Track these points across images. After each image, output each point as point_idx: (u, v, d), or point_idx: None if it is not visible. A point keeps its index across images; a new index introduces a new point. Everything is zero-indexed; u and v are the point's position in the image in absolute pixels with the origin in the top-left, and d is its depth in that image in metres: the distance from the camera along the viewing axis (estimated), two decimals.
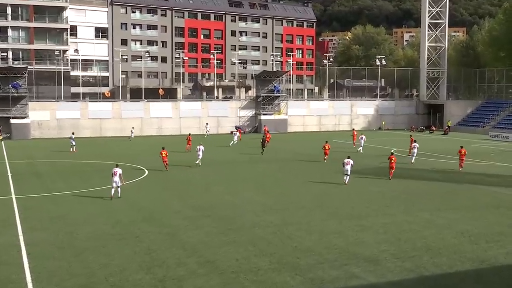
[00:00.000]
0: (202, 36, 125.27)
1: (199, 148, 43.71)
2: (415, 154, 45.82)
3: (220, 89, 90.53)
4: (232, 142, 59.37)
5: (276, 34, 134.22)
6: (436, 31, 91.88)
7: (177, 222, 24.99)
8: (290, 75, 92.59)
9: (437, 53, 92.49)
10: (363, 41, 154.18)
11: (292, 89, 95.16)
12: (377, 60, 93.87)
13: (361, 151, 51.66)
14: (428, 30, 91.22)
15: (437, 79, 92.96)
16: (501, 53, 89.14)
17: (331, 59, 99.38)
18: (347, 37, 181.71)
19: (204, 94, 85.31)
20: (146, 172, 39.87)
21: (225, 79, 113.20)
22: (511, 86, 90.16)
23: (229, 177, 38.39)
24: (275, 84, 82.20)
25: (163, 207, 28.26)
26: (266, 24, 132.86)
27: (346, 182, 34.90)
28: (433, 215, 26.52)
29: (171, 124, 76.35)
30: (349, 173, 35.11)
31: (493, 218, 26.05)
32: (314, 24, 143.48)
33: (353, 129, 60.66)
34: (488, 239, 22.23)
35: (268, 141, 55.68)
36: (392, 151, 42.96)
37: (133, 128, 70.28)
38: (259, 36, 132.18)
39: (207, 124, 74.53)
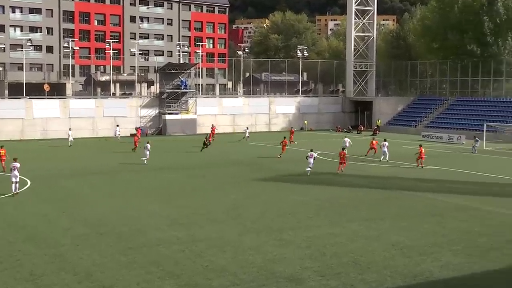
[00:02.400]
0: (95, 22, 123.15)
1: (147, 146, 48.79)
2: (386, 153, 50.39)
3: (118, 85, 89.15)
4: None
5: (183, 20, 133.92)
6: (364, 19, 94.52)
7: (66, 241, 24.39)
8: (199, 68, 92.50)
9: (365, 43, 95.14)
10: (283, 29, 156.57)
11: (202, 85, 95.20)
12: (298, 51, 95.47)
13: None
14: (355, 18, 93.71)
15: (365, 73, 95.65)
16: (434, 44, 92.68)
17: (246, 50, 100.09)
18: (264, 25, 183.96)
19: (99, 90, 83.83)
20: (29, 182, 38.73)
21: (123, 72, 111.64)
22: (445, 81, 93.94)
23: (129, 187, 37.88)
24: (182, 79, 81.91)
25: (48, 223, 27.52)
26: (171, 9, 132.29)
27: (308, 174, 41.70)
28: (361, 226, 27.19)
29: (58, 125, 74.30)
30: (311, 166, 41.87)
31: (428, 227, 27.01)
32: (227, 9, 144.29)
33: (373, 138, 58.29)
34: (421, 251, 23.02)
35: (210, 141, 58.88)
36: (343, 146, 48.99)
37: (70, 129, 66.89)
38: (163, 22, 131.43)
39: (247, 128, 74.94)
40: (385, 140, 52.55)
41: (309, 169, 42.44)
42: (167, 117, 79.68)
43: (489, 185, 40.11)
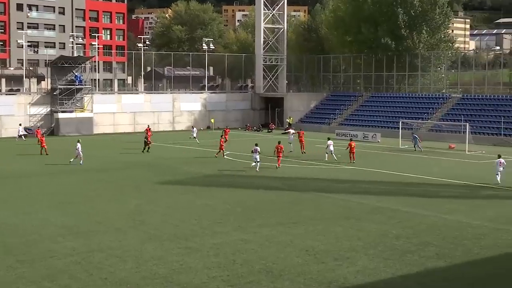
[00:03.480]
0: None
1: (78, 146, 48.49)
2: (332, 151, 51.90)
3: (4, 80, 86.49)
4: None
5: (76, 9, 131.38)
6: (274, 10, 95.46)
7: None
8: (95, 61, 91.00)
9: (275, 36, 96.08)
10: (187, 20, 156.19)
11: (98, 80, 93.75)
12: (204, 44, 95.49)
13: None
14: (264, 9, 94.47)
15: (276, 67, 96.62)
16: (348, 37, 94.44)
17: (147, 42, 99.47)
18: (166, 15, 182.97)
19: None
20: None
21: (9, 66, 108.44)
22: (359, 76, 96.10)
23: (18, 194, 36.85)
24: (76, 74, 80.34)
25: None
26: None
27: (257, 169, 44.86)
28: (273, 231, 27.44)
29: None
30: (258, 160, 44.86)
31: (342, 231, 27.54)
32: None
33: (351, 139, 58.23)
34: (336, 256, 23.45)
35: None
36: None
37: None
38: (54, 11, 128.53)
39: (193, 127, 73.06)
40: (328, 139, 54.03)
41: (254, 164, 45.32)
42: (60, 115, 77.92)
43: (407, 185, 41.30)
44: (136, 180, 41.99)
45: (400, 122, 68.21)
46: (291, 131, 63.91)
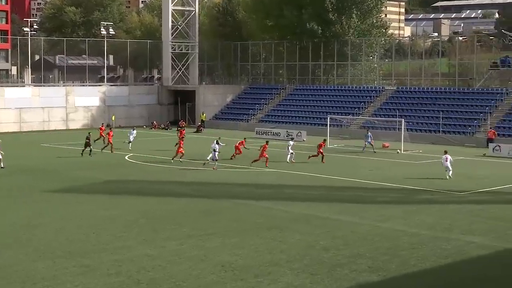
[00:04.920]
0: None
1: None
2: (289, 153, 53.08)
3: None
4: None
5: None
6: None
7: None
8: None
9: (186, 20, 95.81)
10: (82, 0, 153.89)
11: None
12: (102, 29, 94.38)
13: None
14: None
15: (186, 56, 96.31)
16: (269, 22, 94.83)
17: (35, 26, 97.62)
18: None
19: None
20: None
21: None
22: (282, 66, 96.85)
23: None
24: None
25: None
26: None
27: (215, 167, 48.20)
28: (184, 244, 27.38)
29: None
30: (217, 158, 47.98)
31: (264, 243, 27.69)
32: None
33: (325, 140, 57.61)
34: (257, 272, 23.57)
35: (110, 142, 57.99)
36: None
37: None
38: None
39: (133, 128, 66.26)
40: (292, 139, 57.30)
41: (211, 161, 48.63)
42: None
43: (336, 190, 41.92)
44: (23, 188, 41.18)
45: (328, 118, 68.99)
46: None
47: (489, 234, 29.69)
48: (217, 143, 49.67)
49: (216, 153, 48.69)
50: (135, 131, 64.41)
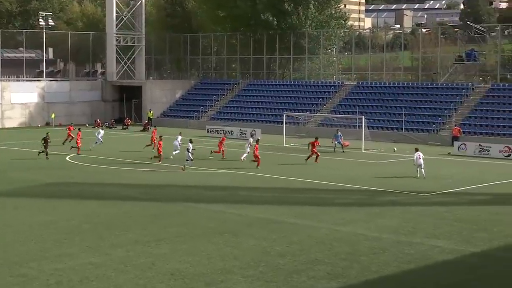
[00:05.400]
0: None
1: None
2: (246, 153, 52.76)
3: None
4: None
5: None
6: None
7: None
8: None
9: (131, 10, 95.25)
10: None
11: None
12: (40, 19, 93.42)
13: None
14: None
15: (132, 49, 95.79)
16: (220, 12, 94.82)
17: None
18: None
19: None
20: None
21: None
22: (234, 60, 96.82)
23: None
24: None
25: None
26: None
27: (184, 168, 48.10)
28: (130, 251, 27.24)
29: None
30: (191, 158, 47.52)
31: (216, 249, 27.66)
32: None
33: (317, 138, 56.41)
34: (208, 281, 23.54)
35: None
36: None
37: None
38: None
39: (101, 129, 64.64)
40: (252, 136, 57.69)
41: (186, 162, 48.08)
42: None
43: (293, 192, 41.99)
44: None
45: (284, 115, 69.24)
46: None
47: (454, 237, 30.01)
48: (191, 141, 49.75)
49: (190, 153, 48.04)
50: (102, 131, 62.79)
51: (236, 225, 32.28)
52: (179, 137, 55.42)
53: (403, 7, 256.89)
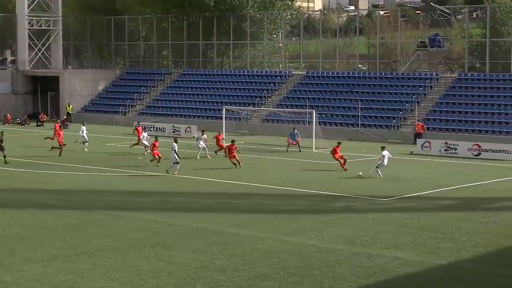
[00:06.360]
0: None
1: None
2: (201, 151, 55.66)
3: None
4: None
5: None
6: None
7: None
8: None
9: None
10: None
11: None
12: None
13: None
14: None
15: (47, 33, 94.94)
16: None
17: None
18: None
19: None
20: None
21: None
22: (166, 46, 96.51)
23: None
24: None
25: None
26: None
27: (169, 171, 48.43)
28: (47, 267, 26.98)
29: None
30: (177, 161, 47.80)
31: (146, 264, 27.49)
32: None
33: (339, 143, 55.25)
34: None
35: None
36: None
37: None
38: None
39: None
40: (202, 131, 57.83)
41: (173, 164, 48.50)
42: None
43: (234, 197, 42.06)
44: None
45: (224, 109, 69.12)
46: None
47: (418, 248, 30.22)
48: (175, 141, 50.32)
49: (176, 155, 48.18)
50: (84, 127, 61.80)
51: (169, 236, 32.17)
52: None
53: None
